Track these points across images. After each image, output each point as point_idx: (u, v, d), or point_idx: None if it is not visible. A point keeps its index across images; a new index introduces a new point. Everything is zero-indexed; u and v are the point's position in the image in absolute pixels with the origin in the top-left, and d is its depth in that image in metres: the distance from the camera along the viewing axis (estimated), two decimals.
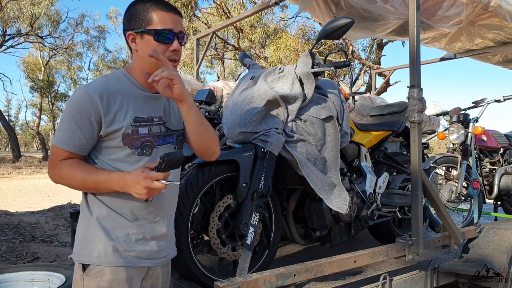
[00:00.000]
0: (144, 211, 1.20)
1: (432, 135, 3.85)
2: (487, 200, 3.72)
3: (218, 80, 11.92)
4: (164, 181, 1.07)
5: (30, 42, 24.42)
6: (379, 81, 9.46)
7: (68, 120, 1.14)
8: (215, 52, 18.06)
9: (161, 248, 1.25)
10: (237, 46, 15.51)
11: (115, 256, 1.15)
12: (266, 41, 16.33)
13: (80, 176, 1.13)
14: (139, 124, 1.19)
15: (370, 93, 5.28)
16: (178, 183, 1.14)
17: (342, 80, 14.89)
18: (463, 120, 3.24)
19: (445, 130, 3.44)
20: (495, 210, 3.72)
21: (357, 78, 15.19)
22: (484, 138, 3.44)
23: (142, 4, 1.19)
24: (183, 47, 1.27)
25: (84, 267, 1.15)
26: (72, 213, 2.78)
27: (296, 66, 2.08)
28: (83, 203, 1.22)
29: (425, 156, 3.41)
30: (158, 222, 1.24)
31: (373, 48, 14.76)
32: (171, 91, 1.15)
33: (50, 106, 30.41)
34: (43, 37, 24.47)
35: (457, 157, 3.19)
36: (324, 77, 2.23)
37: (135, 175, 1.09)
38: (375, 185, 2.56)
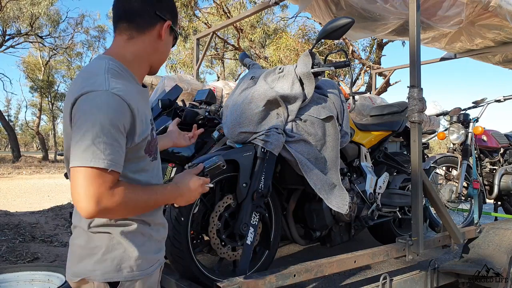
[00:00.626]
0: (160, 216, 1.19)
1: (432, 135, 3.85)
2: (487, 200, 3.72)
3: (218, 80, 11.90)
4: (207, 185, 1.18)
5: (30, 42, 24.42)
6: (379, 81, 9.46)
7: (107, 133, 0.91)
8: (215, 52, 18.06)
9: (164, 249, 1.26)
10: (237, 46, 15.51)
11: (145, 266, 1.10)
12: (266, 41, 16.33)
13: (141, 199, 1.00)
14: (152, 127, 1.12)
15: (370, 93, 5.28)
16: (212, 185, 1.22)
17: (342, 80, 14.89)
18: (463, 120, 3.24)
19: (445, 130, 3.44)
20: (495, 210, 3.72)
21: (357, 78, 15.20)
22: (484, 138, 3.44)
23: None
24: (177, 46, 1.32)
25: (113, 285, 1.05)
26: (72, 213, 2.77)
27: (296, 66, 2.07)
28: (96, 220, 1.05)
29: (425, 156, 3.41)
30: (165, 224, 1.23)
31: (373, 48, 14.77)
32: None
33: (50, 106, 30.40)
34: (43, 37, 24.48)
35: (457, 157, 3.19)
36: (324, 77, 2.22)
37: (191, 182, 1.13)
38: (375, 185, 2.56)
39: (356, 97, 3.70)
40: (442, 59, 4.41)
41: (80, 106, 0.94)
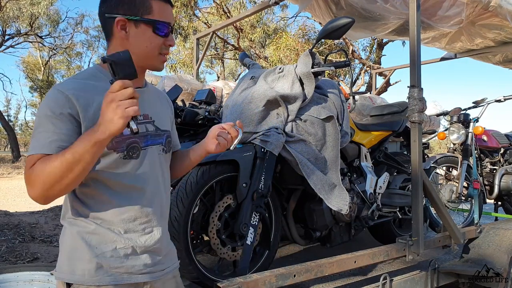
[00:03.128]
0: (135, 222, 1.08)
1: (433, 135, 3.85)
2: (487, 200, 3.72)
3: (218, 80, 11.90)
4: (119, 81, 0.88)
5: (29, 42, 24.41)
6: (379, 81, 9.46)
7: (44, 123, 0.96)
8: (215, 52, 18.06)
9: (157, 261, 1.13)
10: (237, 46, 15.51)
11: (100, 274, 1.03)
12: (266, 41, 16.34)
13: (51, 164, 0.91)
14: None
15: (370, 93, 5.27)
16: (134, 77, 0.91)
17: (342, 80, 14.89)
18: (464, 120, 3.24)
19: (445, 130, 3.44)
20: (496, 210, 3.71)
21: (357, 78, 15.20)
22: (485, 138, 3.44)
23: None
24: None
25: (68, 285, 1.03)
26: None
27: (296, 66, 2.07)
28: (66, 216, 1.09)
29: (426, 156, 3.41)
30: (150, 234, 1.11)
31: (373, 48, 14.77)
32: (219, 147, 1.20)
33: None
34: (43, 37, 24.47)
35: (457, 157, 3.19)
36: (324, 77, 2.22)
37: (99, 107, 0.92)
38: (376, 185, 2.56)
39: (356, 97, 3.70)
40: (442, 59, 4.41)
41: None
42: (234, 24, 12.66)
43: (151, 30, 1.07)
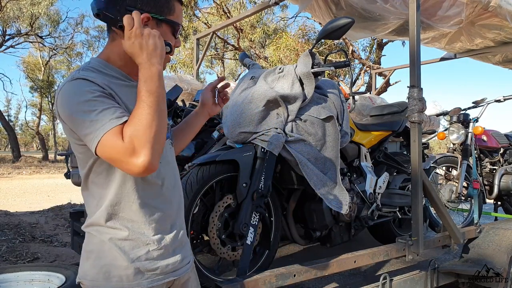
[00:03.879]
0: (165, 222, 1.08)
1: (432, 135, 3.85)
2: (487, 200, 3.72)
3: None
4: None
5: (30, 42, 24.43)
6: (379, 81, 9.46)
7: (94, 105, 0.89)
8: (215, 52, 18.06)
9: (183, 256, 1.13)
10: (237, 46, 15.51)
11: (138, 278, 1.02)
12: (266, 41, 16.34)
13: (142, 114, 0.87)
14: None
15: (370, 93, 5.28)
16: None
17: (342, 80, 14.89)
18: (463, 120, 3.24)
19: (445, 130, 3.44)
20: (495, 210, 3.72)
21: (357, 78, 15.20)
22: (484, 138, 3.45)
23: None
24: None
25: None
26: (72, 213, 2.78)
27: (296, 66, 2.07)
28: (92, 223, 1.04)
29: (425, 156, 3.41)
30: (176, 230, 1.12)
31: (373, 48, 14.77)
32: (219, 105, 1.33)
33: (50, 106, 30.37)
34: (43, 37, 24.48)
35: (457, 157, 3.19)
36: (324, 77, 2.22)
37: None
38: (375, 185, 2.56)
39: (356, 97, 3.70)
40: (442, 59, 4.41)
41: (59, 102, 0.95)
42: (234, 24, 12.66)
43: (170, 31, 1.07)
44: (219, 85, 1.43)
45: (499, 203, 3.74)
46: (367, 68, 13.60)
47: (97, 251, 1.02)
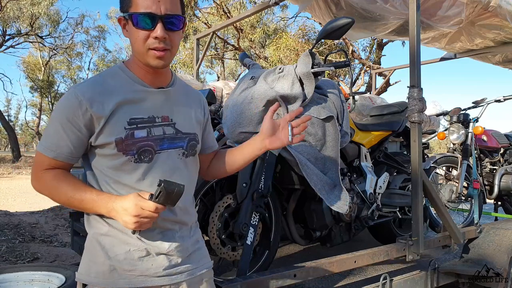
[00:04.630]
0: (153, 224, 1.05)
1: (432, 135, 3.85)
2: (487, 200, 3.72)
3: (218, 80, 11.87)
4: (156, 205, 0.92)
5: (30, 42, 24.41)
6: (379, 81, 9.46)
7: (55, 124, 1.01)
8: (215, 52, 18.06)
9: (176, 263, 1.08)
10: (237, 46, 15.51)
11: (114, 277, 1.02)
12: (266, 41, 16.33)
13: (64, 191, 1.00)
14: (136, 126, 1.02)
15: (370, 93, 5.27)
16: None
17: (342, 80, 14.88)
18: (463, 120, 3.24)
19: (445, 130, 3.44)
20: (496, 210, 3.72)
21: (357, 78, 15.20)
22: (484, 138, 3.44)
23: None
24: (181, 32, 1.06)
25: (84, 286, 1.05)
26: (72, 213, 2.77)
27: (296, 66, 2.07)
28: (85, 217, 1.09)
29: (425, 156, 3.41)
30: (165, 236, 1.07)
31: (373, 48, 14.76)
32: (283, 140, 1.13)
33: (50, 106, 30.40)
34: (43, 37, 24.47)
35: (457, 157, 3.19)
36: (324, 77, 2.22)
37: (127, 201, 0.94)
38: (375, 185, 2.56)
39: (356, 97, 3.70)
40: (442, 59, 4.41)
41: None
42: (234, 25, 12.66)
43: (132, 24, 1.01)
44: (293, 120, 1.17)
45: (499, 203, 3.74)
46: (367, 68, 13.60)
47: (86, 246, 1.08)
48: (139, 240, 1.04)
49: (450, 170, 3.28)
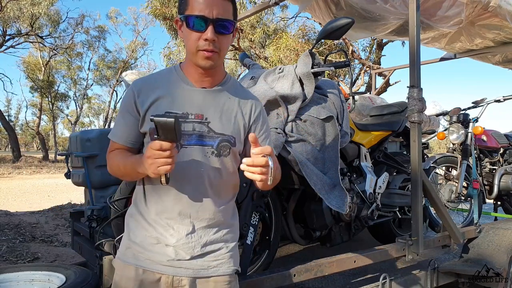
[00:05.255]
0: (162, 216, 1.13)
1: (432, 135, 3.85)
2: (487, 200, 3.72)
3: None
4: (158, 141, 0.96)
5: (30, 42, 24.42)
6: (379, 81, 9.46)
7: (118, 113, 1.20)
8: None
9: (183, 257, 1.12)
10: (237, 46, 15.51)
11: (127, 254, 1.16)
12: (266, 41, 16.32)
13: (118, 162, 1.15)
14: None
15: (370, 93, 5.28)
16: (174, 144, 0.97)
17: (342, 80, 14.88)
18: (463, 120, 3.24)
19: (445, 130, 3.44)
20: (495, 210, 3.72)
21: (357, 78, 15.19)
22: (484, 138, 3.45)
23: None
24: (230, 36, 1.12)
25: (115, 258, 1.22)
26: (72, 213, 2.78)
27: (296, 66, 2.08)
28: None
29: (425, 156, 3.41)
30: (174, 230, 1.12)
31: (373, 48, 14.76)
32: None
33: (50, 106, 30.37)
34: (43, 37, 24.47)
35: (457, 157, 3.19)
36: (324, 77, 2.23)
37: (147, 151, 1.01)
38: (375, 185, 2.56)
39: (356, 97, 3.70)
40: (442, 59, 4.41)
41: None
42: None
43: (185, 26, 1.09)
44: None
45: (499, 203, 3.74)
46: (367, 68, 13.60)
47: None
48: (154, 229, 1.13)
49: (450, 170, 3.29)
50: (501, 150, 3.60)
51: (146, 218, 1.15)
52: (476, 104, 3.32)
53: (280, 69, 2.12)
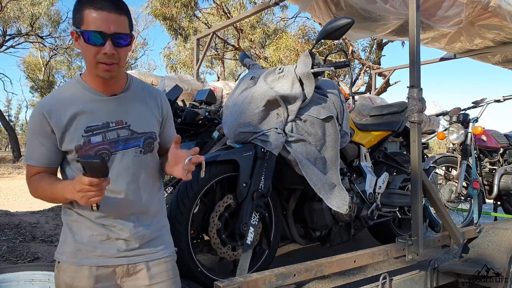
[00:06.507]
0: (109, 217, 1.20)
1: (432, 135, 3.85)
2: (487, 200, 3.72)
3: (218, 80, 11.87)
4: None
5: (30, 42, 24.40)
6: (379, 81, 9.45)
7: (30, 137, 1.19)
8: (215, 52, 18.05)
9: (134, 247, 1.22)
10: (237, 46, 15.51)
11: (78, 256, 1.20)
12: (266, 41, 16.32)
13: (42, 188, 1.18)
14: (92, 133, 1.16)
15: (370, 93, 5.28)
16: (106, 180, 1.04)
17: (342, 80, 14.89)
18: (463, 120, 3.24)
19: (445, 130, 3.44)
20: (495, 210, 3.72)
21: (357, 78, 15.18)
22: (484, 138, 3.45)
23: (79, 0, 1.12)
24: (128, 48, 1.17)
25: (58, 263, 1.24)
26: None
27: (296, 66, 2.08)
28: (62, 208, 1.31)
29: (425, 156, 3.42)
30: (124, 226, 1.21)
31: (373, 48, 14.75)
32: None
33: None
34: (44, 37, 24.45)
35: (456, 157, 3.19)
36: (324, 77, 2.23)
37: (74, 181, 1.05)
38: (375, 185, 2.57)
39: (356, 97, 3.71)
40: (442, 59, 4.41)
41: None
42: (234, 25, 12.66)
43: (83, 40, 1.11)
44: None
45: (498, 203, 3.74)
46: (367, 68, 13.59)
47: (62, 231, 1.30)
48: (101, 226, 1.20)
49: (450, 170, 3.29)
50: (501, 150, 3.60)
51: (90, 218, 1.20)
52: (476, 104, 3.32)
53: (280, 69, 2.12)
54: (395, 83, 14.11)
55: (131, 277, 1.24)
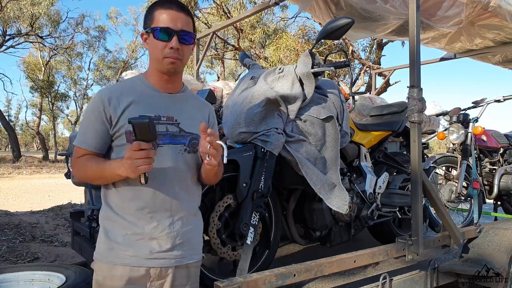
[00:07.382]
0: (143, 211, 1.22)
1: (432, 135, 3.85)
2: (487, 200, 3.72)
3: (218, 80, 11.86)
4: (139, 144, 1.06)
5: (30, 42, 24.41)
6: (379, 81, 9.45)
7: (84, 121, 1.26)
8: (215, 52, 18.06)
9: (166, 248, 1.23)
10: (237, 46, 15.51)
11: (111, 255, 1.21)
12: (266, 41, 16.33)
13: (90, 167, 1.21)
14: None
15: (370, 93, 5.28)
16: (153, 150, 1.09)
17: (342, 80, 14.89)
18: (463, 120, 3.24)
19: (445, 130, 3.44)
20: (495, 210, 3.72)
21: (357, 78, 15.18)
22: (484, 138, 3.45)
23: (152, 4, 1.27)
24: (191, 46, 1.29)
25: (94, 260, 1.26)
26: (72, 213, 2.78)
27: (296, 66, 2.08)
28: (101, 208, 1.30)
29: (425, 156, 3.41)
30: (157, 223, 1.23)
31: (373, 48, 14.75)
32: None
33: (50, 106, 30.34)
34: (43, 37, 24.46)
35: (457, 157, 3.19)
36: (324, 77, 2.23)
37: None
38: (375, 185, 2.56)
39: (356, 97, 3.70)
40: (442, 59, 4.41)
41: None
42: (234, 25, 12.66)
43: (153, 37, 1.23)
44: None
45: (499, 203, 3.74)
46: (367, 68, 13.59)
47: (99, 230, 1.29)
48: (135, 226, 1.21)
49: (450, 170, 3.29)
50: (501, 150, 3.60)
51: (124, 217, 1.22)
52: (476, 104, 3.32)
53: (280, 69, 2.12)
54: (395, 83, 14.10)
55: (160, 281, 1.25)
